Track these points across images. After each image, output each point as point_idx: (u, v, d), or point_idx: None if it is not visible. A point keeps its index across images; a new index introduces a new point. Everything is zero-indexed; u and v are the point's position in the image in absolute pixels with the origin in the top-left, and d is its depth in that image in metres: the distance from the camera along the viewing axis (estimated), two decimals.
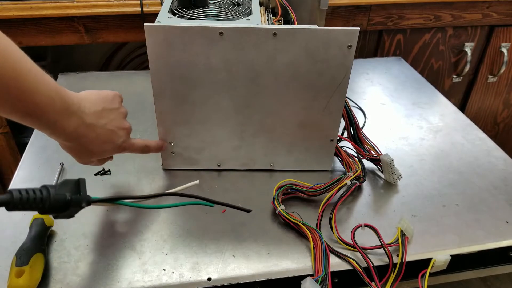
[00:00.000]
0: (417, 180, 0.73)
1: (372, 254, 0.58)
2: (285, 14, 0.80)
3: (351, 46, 0.60)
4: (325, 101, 0.66)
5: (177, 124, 0.68)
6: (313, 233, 0.58)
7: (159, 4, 1.00)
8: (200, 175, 0.72)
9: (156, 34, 0.58)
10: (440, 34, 1.24)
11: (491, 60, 1.32)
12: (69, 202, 0.42)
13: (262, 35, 0.59)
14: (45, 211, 0.41)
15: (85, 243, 0.59)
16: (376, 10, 1.14)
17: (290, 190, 0.66)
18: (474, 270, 0.63)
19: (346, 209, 0.66)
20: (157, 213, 0.64)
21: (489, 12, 1.21)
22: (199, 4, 0.72)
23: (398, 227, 0.59)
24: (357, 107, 0.93)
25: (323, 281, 0.52)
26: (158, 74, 0.62)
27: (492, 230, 0.63)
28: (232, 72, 0.62)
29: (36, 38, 1.01)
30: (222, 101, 0.65)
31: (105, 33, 1.04)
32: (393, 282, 0.55)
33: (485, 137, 0.84)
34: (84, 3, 0.99)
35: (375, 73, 1.08)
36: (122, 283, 0.54)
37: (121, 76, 1.03)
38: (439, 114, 0.91)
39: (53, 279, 0.54)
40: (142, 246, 0.59)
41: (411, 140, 0.83)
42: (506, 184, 0.72)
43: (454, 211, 0.66)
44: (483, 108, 1.42)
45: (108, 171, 0.72)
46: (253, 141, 0.70)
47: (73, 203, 0.42)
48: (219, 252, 0.58)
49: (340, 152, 0.73)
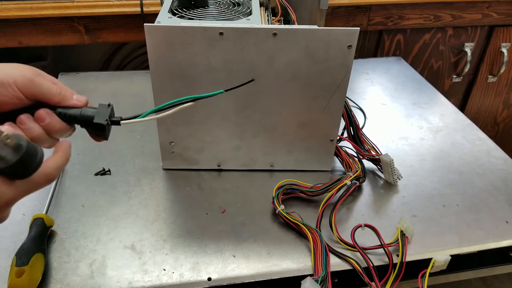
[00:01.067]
0: (417, 180, 0.73)
1: (372, 254, 0.58)
2: (285, 14, 0.80)
3: (351, 46, 0.60)
4: (325, 101, 0.66)
5: (177, 124, 0.68)
6: (313, 233, 0.58)
7: (159, 4, 1.00)
8: (200, 175, 0.72)
9: (156, 34, 0.58)
10: (440, 34, 1.24)
11: (491, 60, 1.32)
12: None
13: (262, 35, 0.59)
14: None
15: (85, 243, 0.59)
16: (376, 10, 1.14)
17: (290, 190, 0.66)
18: (474, 270, 0.63)
19: (346, 209, 0.66)
20: (157, 213, 0.64)
21: (489, 12, 1.21)
22: (199, 4, 0.72)
23: (398, 227, 0.59)
24: (357, 107, 0.93)
25: (323, 281, 0.52)
26: (158, 74, 0.62)
27: (492, 230, 0.63)
28: (232, 72, 0.62)
29: (36, 38, 1.01)
30: (222, 101, 0.65)
31: (105, 33, 1.04)
32: (393, 282, 0.55)
33: (485, 137, 0.84)
34: (84, 3, 0.99)
35: (375, 73, 1.08)
36: (122, 283, 0.54)
37: (121, 76, 1.03)
38: (439, 114, 0.91)
39: (53, 279, 0.54)
40: (142, 246, 0.59)
41: (411, 140, 0.83)
42: (506, 184, 0.72)
43: (454, 211, 0.66)
44: (483, 108, 1.42)
45: (108, 171, 0.72)
46: (253, 141, 0.70)
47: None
48: (219, 252, 0.58)
49: (340, 152, 0.73)
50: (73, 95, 0.42)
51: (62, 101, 0.41)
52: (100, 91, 0.94)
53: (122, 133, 0.81)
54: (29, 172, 0.35)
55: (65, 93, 0.41)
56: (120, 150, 0.77)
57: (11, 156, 0.33)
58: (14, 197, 0.36)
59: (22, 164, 0.34)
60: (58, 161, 0.39)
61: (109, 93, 0.93)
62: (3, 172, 0.34)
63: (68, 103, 0.41)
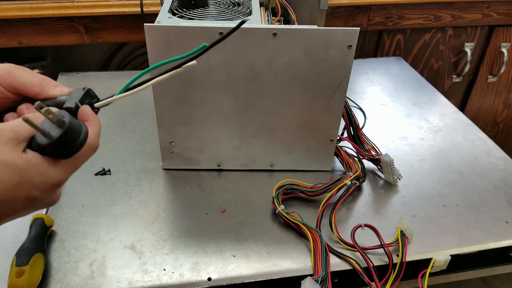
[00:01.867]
0: (417, 180, 0.73)
1: (372, 254, 0.58)
2: (285, 14, 0.80)
3: (351, 46, 0.60)
4: (325, 101, 0.66)
5: (177, 124, 0.68)
6: (313, 233, 0.58)
7: (159, 4, 1.00)
8: (200, 175, 0.72)
9: (156, 34, 0.58)
10: (440, 34, 1.24)
11: (491, 60, 1.32)
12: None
13: (262, 35, 0.59)
14: None
15: (85, 243, 0.59)
16: (376, 10, 1.14)
17: (290, 190, 0.66)
18: (474, 270, 0.63)
19: (346, 209, 0.66)
20: (157, 213, 0.64)
21: (489, 12, 1.21)
22: (199, 4, 0.72)
23: (398, 227, 0.59)
24: (357, 107, 0.93)
25: (323, 281, 0.52)
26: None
27: (492, 230, 0.63)
28: (232, 72, 0.62)
29: (36, 38, 1.01)
30: (222, 101, 0.65)
31: (105, 33, 1.04)
32: (393, 282, 0.55)
33: (485, 137, 0.84)
34: (84, 3, 0.99)
35: (375, 73, 1.08)
36: (122, 283, 0.54)
37: (121, 76, 1.03)
38: (439, 114, 0.91)
39: (53, 279, 0.54)
40: (142, 246, 0.59)
41: (411, 140, 0.83)
42: (506, 184, 0.72)
43: (454, 211, 0.66)
44: (483, 108, 1.42)
45: (108, 171, 0.72)
46: (253, 141, 0.70)
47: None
48: (219, 252, 0.58)
49: (340, 152, 0.73)
50: (56, 86, 0.39)
51: (43, 91, 0.38)
52: (100, 91, 0.94)
53: (122, 133, 0.81)
54: (73, 150, 0.33)
55: (47, 84, 0.39)
56: (120, 150, 0.77)
57: (54, 131, 0.32)
58: (61, 178, 0.34)
59: (66, 140, 0.32)
60: (95, 127, 0.37)
61: (109, 93, 0.92)
62: (48, 151, 0.32)
63: (49, 93, 0.39)
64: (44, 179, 0.33)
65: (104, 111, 0.42)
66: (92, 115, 0.38)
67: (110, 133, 0.81)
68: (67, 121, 0.32)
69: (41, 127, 0.32)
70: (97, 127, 0.38)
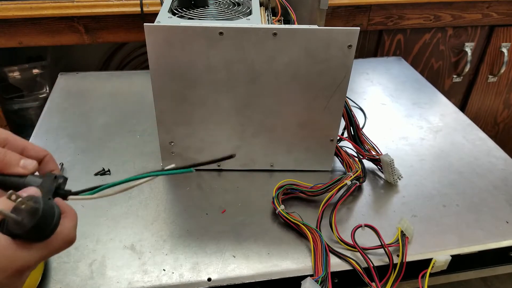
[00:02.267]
0: (417, 180, 0.73)
1: (372, 254, 0.58)
2: (285, 14, 0.80)
3: (351, 46, 0.60)
4: (325, 101, 0.65)
5: (177, 124, 0.68)
6: (313, 233, 0.58)
7: (159, 4, 1.00)
8: (200, 175, 0.72)
9: (156, 34, 0.58)
10: (440, 34, 1.24)
11: (491, 60, 1.32)
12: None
13: (262, 35, 0.59)
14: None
15: (85, 243, 0.59)
16: (376, 10, 1.14)
17: (290, 190, 0.66)
18: (475, 270, 0.63)
19: (346, 209, 0.66)
20: (157, 213, 0.64)
21: (489, 12, 1.21)
22: (199, 4, 0.72)
23: (398, 227, 0.59)
24: (357, 107, 0.92)
25: (323, 281, 0.52)
26: (158, 74, 0.62)
27: (492, 230, 0.63)
28: (232, 72, 0.62)
29: (36, 38, 1.01)
30: (222, 101, 0.65)
31: (105, 33, 1.04)
32: (393, 282, 0.55)
33: (485, 137, 0.84)
34: (84, 3, 0.99)
35: (375, 73, 1.08)
36: (122, 283, 0.54)
37: (121, 76, 1.03)
38: (439, 114, 0.91)
39: (53, 279, 0.54)
40: (142, 246, 0.59)
41: (411, 140, 0.83)
42: (506, 184, 0.72)
43: (454, 211, 0.66)
44: (483, 108, 1.42)
45: (108, 171, 0.72)
46: (253, 141, 0.70)
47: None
48: (219, 252, 0.58)
49: (340, 152, 0.73)
50: (20, 160, 0.36)
51: (4, 168, 0.35)
52: (100, 91, 0.94)
53: (122, 133, 0.81)
54: (46, 234, 0.33)
55: (9, 159, 0.36)
56: (120, 150, 0.77)
57: (27, 220, 0.31)
58: (31, 261, 0.32)
59: (39, 228, 0.32)
60: (71, 220, 0.35)
61: (109, 93, 0.93)
62: (20, 236, 0.31)
63: (11, 170, 0.36)
64: (9, 263, 0.31)
65: (104, 111, 0.42)
66: (67, 207, 0.36)
67: (110, 133, 0.81)
68: (41, 208, 0.31)
69: (14, 216, 0.31)
70: (74, 219, 0.36)
